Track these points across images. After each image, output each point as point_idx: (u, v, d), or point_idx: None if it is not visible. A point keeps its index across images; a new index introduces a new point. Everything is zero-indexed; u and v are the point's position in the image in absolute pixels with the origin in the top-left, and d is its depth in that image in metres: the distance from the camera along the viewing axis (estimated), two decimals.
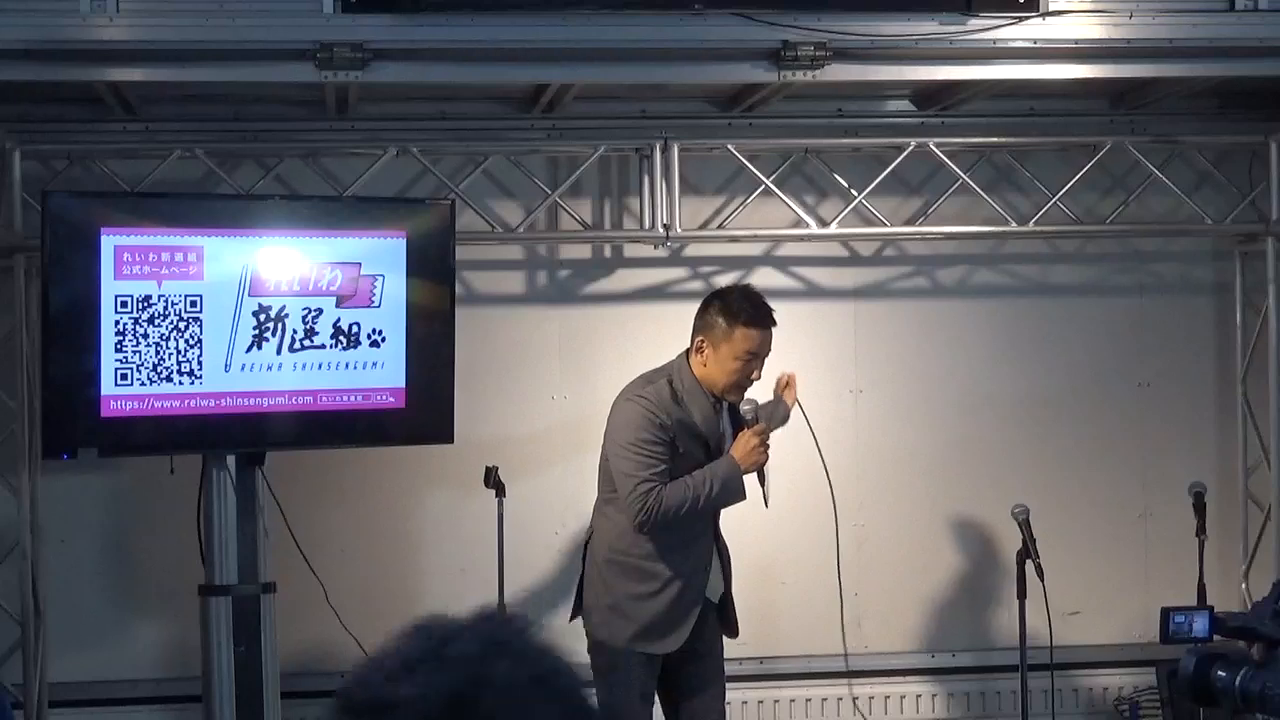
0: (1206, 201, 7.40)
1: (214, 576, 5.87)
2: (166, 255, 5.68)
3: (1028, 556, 6.44)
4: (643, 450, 5.32)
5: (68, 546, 6.96)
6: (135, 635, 6.96)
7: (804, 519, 7.28)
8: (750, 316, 5.39)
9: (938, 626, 7.33)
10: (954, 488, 7.34)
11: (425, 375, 6.06)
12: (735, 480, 5.40)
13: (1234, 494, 7.43)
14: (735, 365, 5.37)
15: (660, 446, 5.33)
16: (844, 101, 7.26)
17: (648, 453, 5.32)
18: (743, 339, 5.36)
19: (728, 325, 5.38)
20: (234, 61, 6.21)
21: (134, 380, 5.64)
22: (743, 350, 5.36)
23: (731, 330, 5.37)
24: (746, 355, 5.37)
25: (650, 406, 5.36)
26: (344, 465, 6.86)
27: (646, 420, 5.34)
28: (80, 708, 6.91)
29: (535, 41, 6.21)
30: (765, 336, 5.42)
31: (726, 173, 7.20)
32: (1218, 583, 7.08)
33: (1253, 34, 6.43)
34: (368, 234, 6.03)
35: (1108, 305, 7.49)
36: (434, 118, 7.07)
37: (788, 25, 6.23)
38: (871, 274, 7.39)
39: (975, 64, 6.53)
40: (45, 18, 6.00)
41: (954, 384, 7.38)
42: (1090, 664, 7.30)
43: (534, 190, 7.08)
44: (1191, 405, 7.51)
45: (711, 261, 7.26)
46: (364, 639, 6.22)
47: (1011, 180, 7.36)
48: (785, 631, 7.23)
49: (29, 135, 6.76)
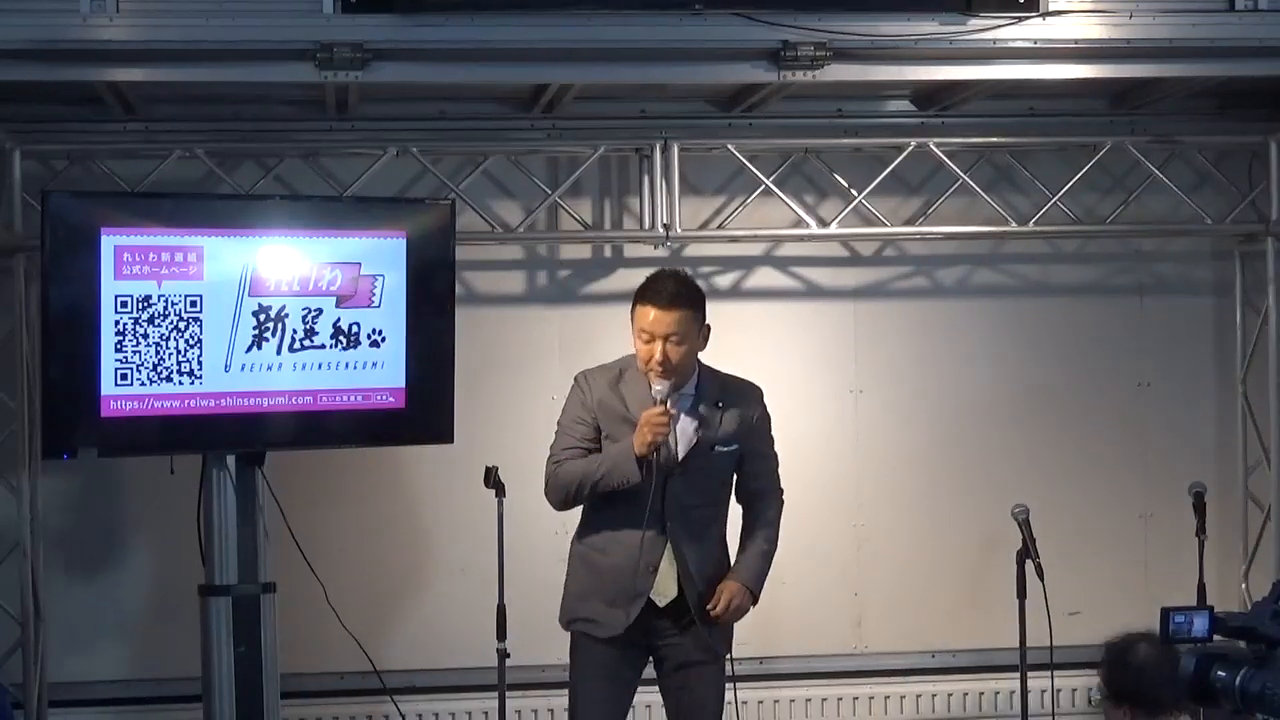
0: (1206, 201, 7.40)
1: (214, 576, 5.87)
2: (166, 255, 5.68)
3: (1028, 556, 6.45)
4: (564, 430, 5.42)
5: (68, 546, 6.96)
6: (135, 635, 6.96)
7: (804, 519, 7.28)
8: (640, 293, 5.34)
9: (938, 626, 7.32)
10: (954, 488, 7.34)
11: (425, 375, 6.05)
12: (626, 460, 5.23)
13: (1234, 494, 7.43)
14: (639, 345, 5.32)
15: (583, 426, 5.37)
16: (844, 101, 7.26)
17: (567, 431, 5.40)
18: (639, 316, 5.31)
19: (632, 304, 5.37)
20: (234, 61, 6.21)
21: (134, 380, 5.64)
22: (638, 328, 5.31)
23: (633, 309, 5.36)
24: (642, 334, 5.29)
25: (582, 387, 5.44)
26: (344, 465, 6.86)
27: (575, 401, 5.44)
28: (80, 708, 6.91)
29: (535, 41, 6.21)
30: (657, 315, 5.26)
31: (726, 173, 7.20)
32: (1218, 583, 7.08)
33: (1253, 34, 6.43)
34: (368, 234, 6.03)
35: (1108, 305, 7.49)
36: (434, 118, 7.08)
37: (788, 25, 6.23)
38: (871, 274, 7.39)
39: (975, 64, 6.53)
40: (45, 18, 6.00)
41: (954, 384, 7.38)
42: (1090, 664, 7.25)
43: (534, 190, 7.08)
44: (1191, 405, 7.51)
45: (711, 261, 7.26)
46: (364, 639, 6.23)
47: (1011, 180, 7.37)
48: (785, 631, 7.22)
49: (29, 135, 6.76)
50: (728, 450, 5.43)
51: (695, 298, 5.38)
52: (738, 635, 7.23)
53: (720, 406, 5.42)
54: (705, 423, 5.39)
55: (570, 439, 5.39)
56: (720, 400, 5.43)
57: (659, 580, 5.34)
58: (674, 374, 5.30)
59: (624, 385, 5.38)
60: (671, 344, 5.27)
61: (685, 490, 5.36)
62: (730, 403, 5.44)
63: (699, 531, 5.41)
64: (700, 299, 5.40)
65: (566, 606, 5.50)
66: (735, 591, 5.38)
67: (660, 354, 5.26)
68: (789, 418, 7.25)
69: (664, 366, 5.27)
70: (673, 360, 5.28)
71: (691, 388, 5.41)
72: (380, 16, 6.09)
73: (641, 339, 5.30)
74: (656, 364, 5.27)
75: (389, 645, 6.55)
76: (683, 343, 5.29)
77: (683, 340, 5.29)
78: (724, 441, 5.41)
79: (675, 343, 5.28)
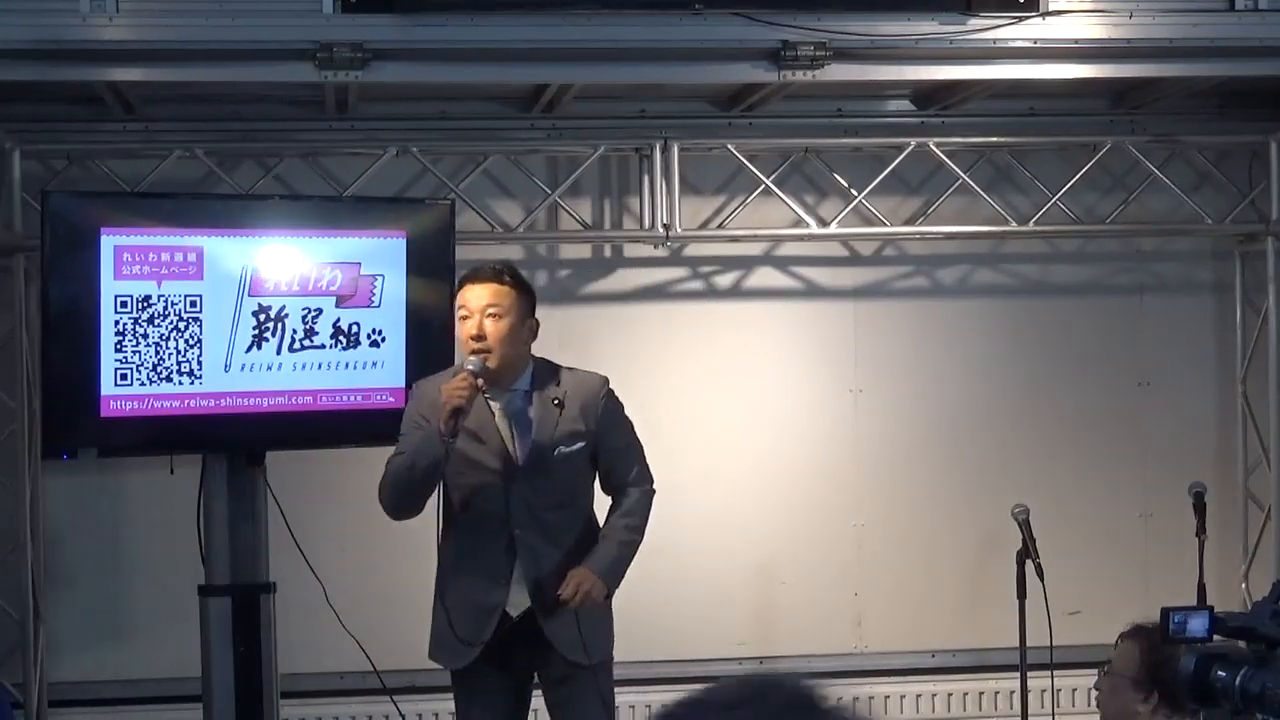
0: (1206, 201, 7.40)
1: (214, 576, 5.86)
2: (166, 255, 5.67)
3: (1028, 556, 6.45)
4: (400, 438, 5.02)
5: (68, 546, 6.96)
6: (135, 635, 6.96)
7: (804, 519, 7.29)
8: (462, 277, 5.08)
9: (937, 626, 7.32)
10: (954, 488, 7.34)
11: (425, 375, 6.05)
12: (429, 438, 4.83)
13: (1234, 494, 7.43)
14: (460, 329, 4.98)
15: (419, 431, 4.94)
16: (844, 101, 7.26)
17: (403, 437, 5.00)
18: (458, 298, 4.99)
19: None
20: (234, 61, 6.21)
21: (134, 380, 5.63)
22: (458, 310, 4.97)
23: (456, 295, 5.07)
24: (460, 311, 4.94)
25: (417, 391, 5.08)
26: (344, 465, 6.85)
27: (410, 406, 5.08)
28: (80, 708, 6.91)
29: (535, 41, 6.21)
30: (472, 289, 4.93)
31: (726, 172, 7.20)
32: (1218, 583, 7.08)
33: (1253, 34, 6.43)
34: (368, 234, 6.03)
35: (1108, 305, 7.49)
36: (434, 118, 7.08)
37: (787, 25, 6.23)
38: (871, 274, 7.39)
39: (975, 64, 6.54)
40: (45, 18, 6.01)
41: (954, 384, 7.38)
42: (1090, 664, 7.26)
43: (534, 190, 7.08)
44: (1191, 405, 7.51)
45: (711, 261, 7.26)
46: (364, 639, 6.23)
47: (1011, 180, 7.37)
48: (785, 631, 7.22)
49: (29, 135, 6.76)
50: (571, 450, 5.00)
51: (519, 281, 5.03)
52: (737, 634, 7.25)
53: (558, 404, 4.99)
54: (541, 423, 4.98)
55: (405, 443, 4.98)
56: (557, 397, 5.00)
57: (511, 592, 4.95)
58: (491, 353, 4.88)
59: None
60: (490, 317, 4.89)
61: (531, 494, 4.97)
62: (571, 398, 5.02)
63: (554, 536, 5.00)
64: (527, 287, 5.07)
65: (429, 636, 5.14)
66: (584, 577, 4.89)
67: (477, 326, 4.88)
68: (789, 418, 7.31)
69: (478, 339, 4.88)
70: (489, 335, 4.88)
71: (525, 383, 5.02)
72: (380, 16, 6.09)
73: (460, 317, 4.95)
74: (472, 338, 4.88)
75: (389, 645, 6.54)
76: (502, 317, 4.90)
77: (502, 315, 4.90)
78: (565, 441, 4.99)
79: (493, 315, 4.89)
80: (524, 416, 5.01)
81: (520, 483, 4.96)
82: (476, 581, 4.99)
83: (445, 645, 5.06)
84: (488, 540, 4.98)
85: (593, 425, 5.04)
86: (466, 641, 4.98)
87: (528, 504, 4.97)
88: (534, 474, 4.97)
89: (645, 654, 6.53)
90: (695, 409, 7.18)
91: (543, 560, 4.97)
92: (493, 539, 4.97)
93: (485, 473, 4.97)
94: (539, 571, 4.96)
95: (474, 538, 5.01)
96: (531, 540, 4.97)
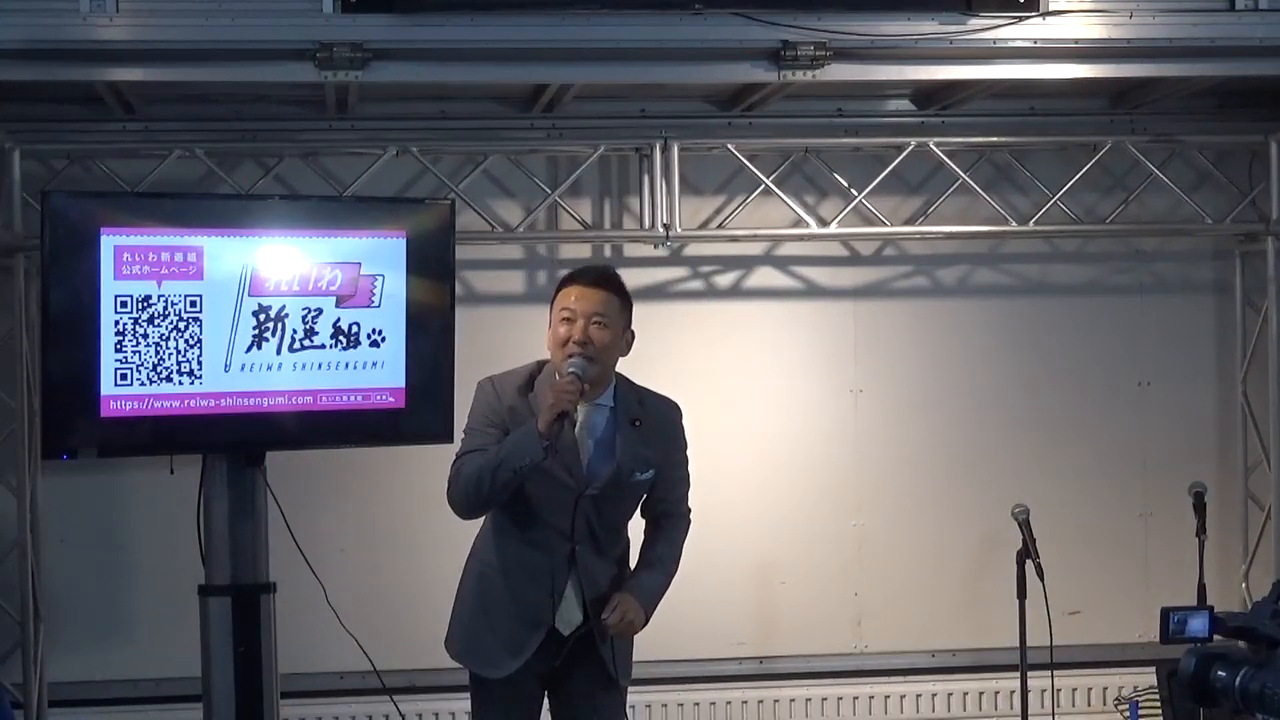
0: (1206, 201, 7.40)
1: (214, 576, 5.85)
2: (166, 255, 5.67)
3: (1028, 556, 6.45)
4: (473, 431, 4.92)
5: (68, 546, 6.97)
6: (135, 635, 6.96)
7: (804, 519, 7.29)
8: (565, 279, 4.96)
9: (938, 626, 7.33)
10: (954, 488, 7.34)
11: (425, 375, 6.04)
12: (528, 437, 4.70)
13: (1234, 494, 7.43)
14: (558, 329, 4.83)
15: (493, 429, 4.85)
16: (844, 101, 7.26)
17: (477, 432, 4.90)
18: (561, 298, 4.85)
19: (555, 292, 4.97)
20: (234, 61, 6.21)
21: (134, 380, 5.63)
22: (559, 310, 4.84)
23: (555, 294, 4.94)
24: (563, 313, 4.81)
25: (490, 390, 4.93)
26: (344, 465, 6.86)
27: (483, 403, 4.93)
28: (80, 708, 6.91)
29: (535, 41, 6.21)
30: (582, 292, 4.82)
31: (726, 172, 7.20)
32: (1218, 583, 7.09)
33: (1253, 34, 6.43)
34: (367, 234, 6.02)
35: (1108, 305, 7.49)
36: (434, 118, 7.08)
37: (788, 25, 6.23)
38: (871, 274, 7.40)
39: (975, 64, 6.53)
40: (45, 18, 6.00)
41: (954, 384, 7.39)
42: (1090, 664, 7.30)
43: (534, 190, 7.08)
44: (1191, 405, 7.51)
45: (711, 261, 7.27)
46: (364, 639, 6.22)
47: (1011, 180, 7.37)
48: (785, 631, 7.23)
49: (29, 135, 6.76)
50: (644, 477, 4.93)
51: (624, 291, 4.93)
52: (737, 634, 7.26)
53: (638, 426, 4.92)
54: (623, 445, 4.89)
55: (479, 440, 4.88)
56: (639, 419, 4.93)
57: (563, 608, 4.88)
58: (593, 360, 4.78)
59: (535, 396, 4.86)
60: (595, 325, 4.79)
61: (595, 514, 4.88)
62: (650, 423, 4.95)
63: (604, 553, 4.94)
64: (628, 296, 4.95)
65: (456, 637, 5.03)
66: (630, 607, 4.85)
67: (581, 332, 4.77)
68: (789, 418, 7.31)
69: (583, 345, 4.77)
70: (594, 341, 4.78)
71: (609, 399, 4.92)
72: (380, 16, 6.09)
73: (561, 318, 4.82)
74: (575, 343, 4.77)
75: (389, 645, 6.54)
76: (606, 328, 4.80)
77: (606, 326, 4.81)
78: (641, 467, 4.91)
79: (599, 324, 4.80)
80: (603, 433, 4.92)
81: (588, 500, 4.86)
82: (529, 593, 4.89)
83: (483, 652, 4.96)
84: (546, 553, 4.88)
85: (664, 454, 4.99)
86: (511, 652, 4.91)
87: (589, 521, 4.88)
88: (604, 494, 4.88)
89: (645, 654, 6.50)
90: (695, 409, 7.12)
91: (598, 577, 4.91)
92: (552, 552, 4.87)
93: (555, 485, 4.84)
94: (594, 589, 4.89)
95: (531, 549, 4.90)
96: (588, 557, 4.89)
